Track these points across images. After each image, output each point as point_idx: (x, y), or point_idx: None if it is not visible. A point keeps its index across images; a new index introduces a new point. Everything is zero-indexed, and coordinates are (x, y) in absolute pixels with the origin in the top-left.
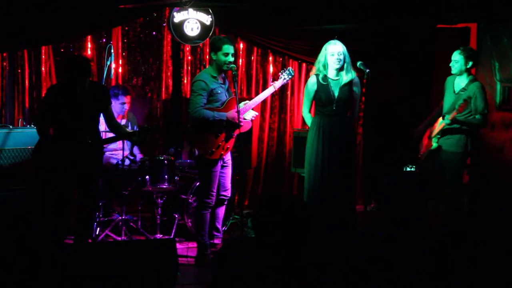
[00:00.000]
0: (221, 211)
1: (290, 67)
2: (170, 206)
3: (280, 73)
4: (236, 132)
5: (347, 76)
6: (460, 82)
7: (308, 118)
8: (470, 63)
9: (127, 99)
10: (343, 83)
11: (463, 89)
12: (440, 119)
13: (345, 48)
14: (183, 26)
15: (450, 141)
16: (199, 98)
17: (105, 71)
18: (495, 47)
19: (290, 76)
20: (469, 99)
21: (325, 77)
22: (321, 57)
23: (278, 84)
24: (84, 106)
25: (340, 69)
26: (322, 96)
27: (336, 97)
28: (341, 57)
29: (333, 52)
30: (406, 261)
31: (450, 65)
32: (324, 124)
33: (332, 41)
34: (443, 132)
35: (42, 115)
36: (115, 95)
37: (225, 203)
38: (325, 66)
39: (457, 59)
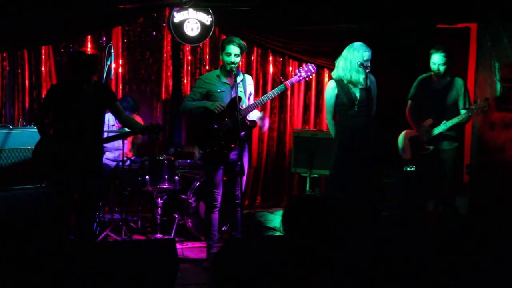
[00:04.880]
0: (236, 215)
1: (311, 65)
2: (170, 206)
3: (297, 70)
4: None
5: (370, 79)
6: (438, 80)
7: (332, 125)
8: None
9: (132, 116)
10: (363, 90)
11: (447, 87)
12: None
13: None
14: (183, 26)
15: (446, 143)
16: (191, 94)
17: (105, 71)
18: (495, 47)
19: (308, 73)
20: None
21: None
22: (354, 62)
23: (289, 82)
24: (86, 106)
25: None
26: (343, 99)
27: (358, 98)
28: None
29: (368, 58)
30: (406, 261)
31: (433, 67)
32: (349, 126)
33: (364, 47)
34: (442, 134)
35: (42, 114)
36: (123, 108)
37: (238, 208)
38: (359, 71)
39: (441, 61)
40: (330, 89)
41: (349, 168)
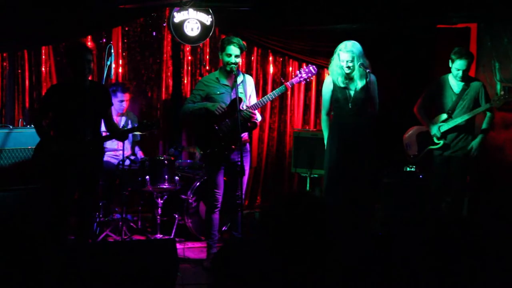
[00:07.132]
0: (236, 216)
1: (312, 66)
2: (170, 206)
3: (298, 71)
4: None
5: (361, 82)
6: (456, 83)
7: (325, 121)
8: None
9: (125, 96)
10: (358, 88)
11: (465, 89)
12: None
13: (358, 49)
14: (183, 26)
15: (461, 144)
16: (191, 96)
17: (105, 71)
18: (495, 47)
19: (309, 74)
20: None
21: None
22: (337, 62)
23: (289, 83)
24: (85, 106)
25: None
26: (339, 95)
27: (352, 96)
28: (350, 64)
29: (343, 59)
30: (406, 261)
31: (457, 73)
32: (342, 124)
33: (344, 46)
34: (451, 132)
35: (40, 116)
36: (113, 92)
37: (238, 209)
38: (338, 73)
39: (465, 67)
40: (327, 84)
41: (341, 166)
